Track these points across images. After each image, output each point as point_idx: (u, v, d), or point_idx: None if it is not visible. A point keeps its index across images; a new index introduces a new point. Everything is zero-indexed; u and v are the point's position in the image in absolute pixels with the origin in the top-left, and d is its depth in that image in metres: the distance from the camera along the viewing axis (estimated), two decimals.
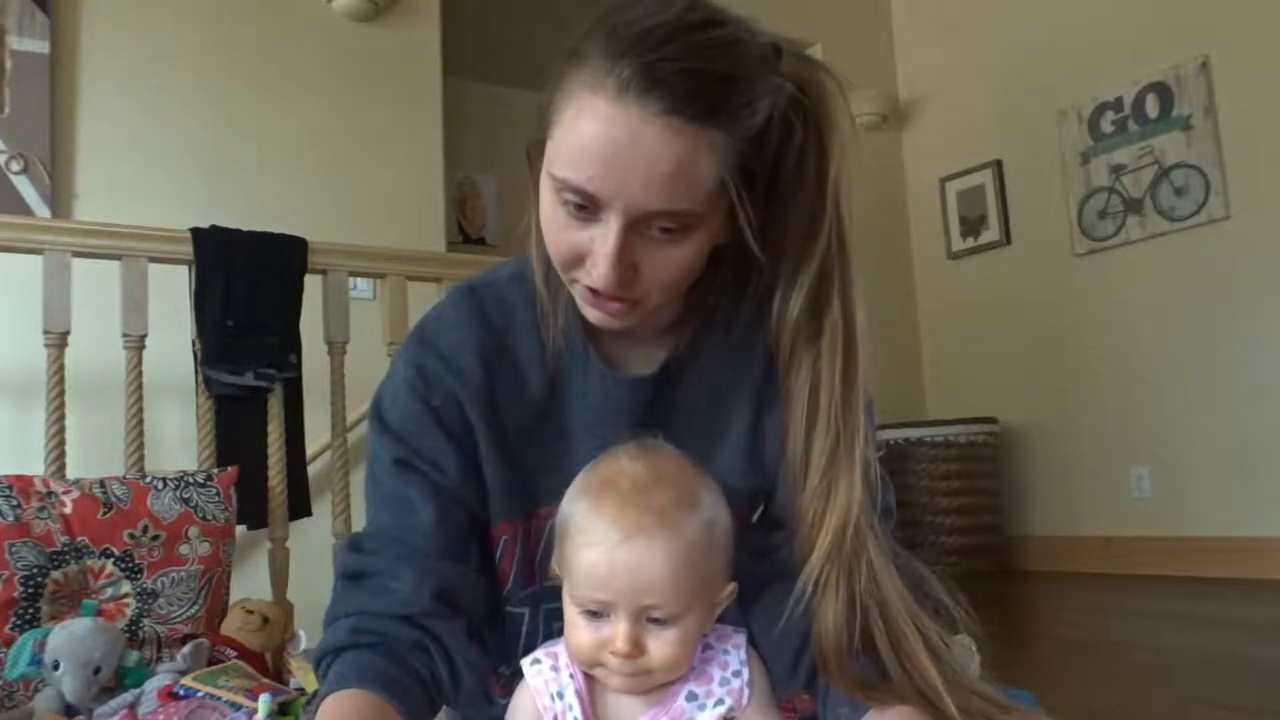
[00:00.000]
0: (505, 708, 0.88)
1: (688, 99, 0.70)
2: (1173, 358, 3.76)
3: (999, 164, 4.44)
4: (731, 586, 0.77)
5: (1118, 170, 3.96)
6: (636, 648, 0.72)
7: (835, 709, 0.78)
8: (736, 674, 0.77)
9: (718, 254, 0.83)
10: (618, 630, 0.72)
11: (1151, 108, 3.85)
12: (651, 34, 0.71)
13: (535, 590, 0.89)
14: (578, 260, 0.78)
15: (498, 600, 0.89)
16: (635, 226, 0.74)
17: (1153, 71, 3.84)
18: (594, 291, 0.78)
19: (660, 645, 0.72)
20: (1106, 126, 4.01)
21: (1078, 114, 4.10)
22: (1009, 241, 4.41)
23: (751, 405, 0.89)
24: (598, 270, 0.75)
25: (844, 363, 0.80)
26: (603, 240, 0.75)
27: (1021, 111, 4.32)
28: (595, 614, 0.73)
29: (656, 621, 0.72)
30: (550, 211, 0.78)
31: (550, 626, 0.89)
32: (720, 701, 0.76)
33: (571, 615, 0.75)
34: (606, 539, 0.72)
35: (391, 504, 0.86)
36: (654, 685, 0.75)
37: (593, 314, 0.81)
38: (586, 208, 0.74)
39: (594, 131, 0.72)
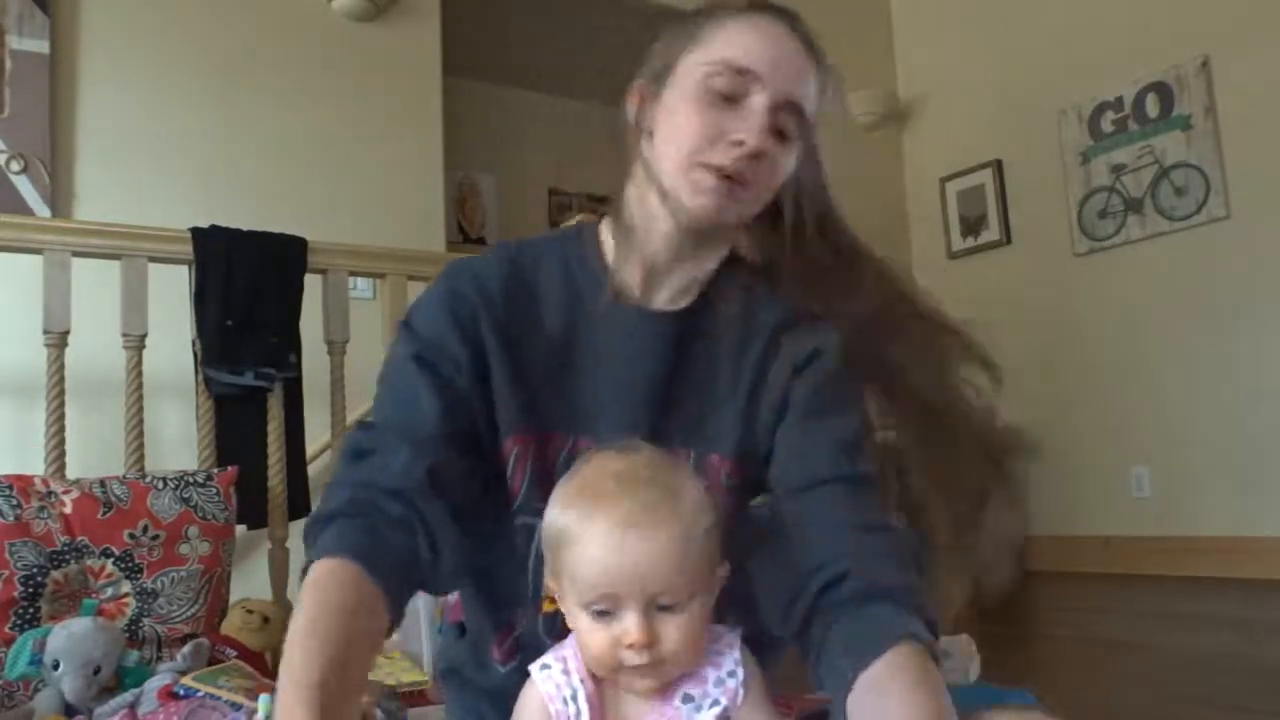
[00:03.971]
0: (505, 675, 0.92)
1: (812, 42, 0.93)
2: (1173, 357, 3.76)
3: (999, 164, 4.44)
4: (726, 566, 0.79)
5: (1118, 170, 3.96)
6: (650, 635, 0.73)
7: (834, 661, 0.79)
8: (731, 674, 0.77)
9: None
10: (629, 622, 0.73)
11: (1151, 108, 3.85)
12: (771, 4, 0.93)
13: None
14: (716, 138, 0.88)
15: (500, 516, 0.92)
16: (771, 114, 0.88)
17: (1153, 71, 3.84)
18: (718, 175, 0.87)
19: (672, 631, 0.74)
20: (1106, 126, 4.01)
21: (1078, 114, 4.10)
22: (1009, 241, 4.41)
23: (753, 366, 0.94)
24: (750, 133, 0.87)
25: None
26: (750, 111, 0.88)
27: (1021, 111, 4.32)
28: (604, 613, 0.74)
29: (665, 609, 0.73)
30: (693, 103, 0.89)
31: None
32: (716, 702, 0.76)
33: (582, 622, 0.75)
34: (609, 534, 0.73)
35: (400, 393, 0.92)
36: (671, 678, 0.76)
37: (704, 201, 0.89)
38: (732, 96, 0.88)
39: (751, 28, 0.90)
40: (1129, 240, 3.92)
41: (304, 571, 0.81)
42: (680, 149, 0.89)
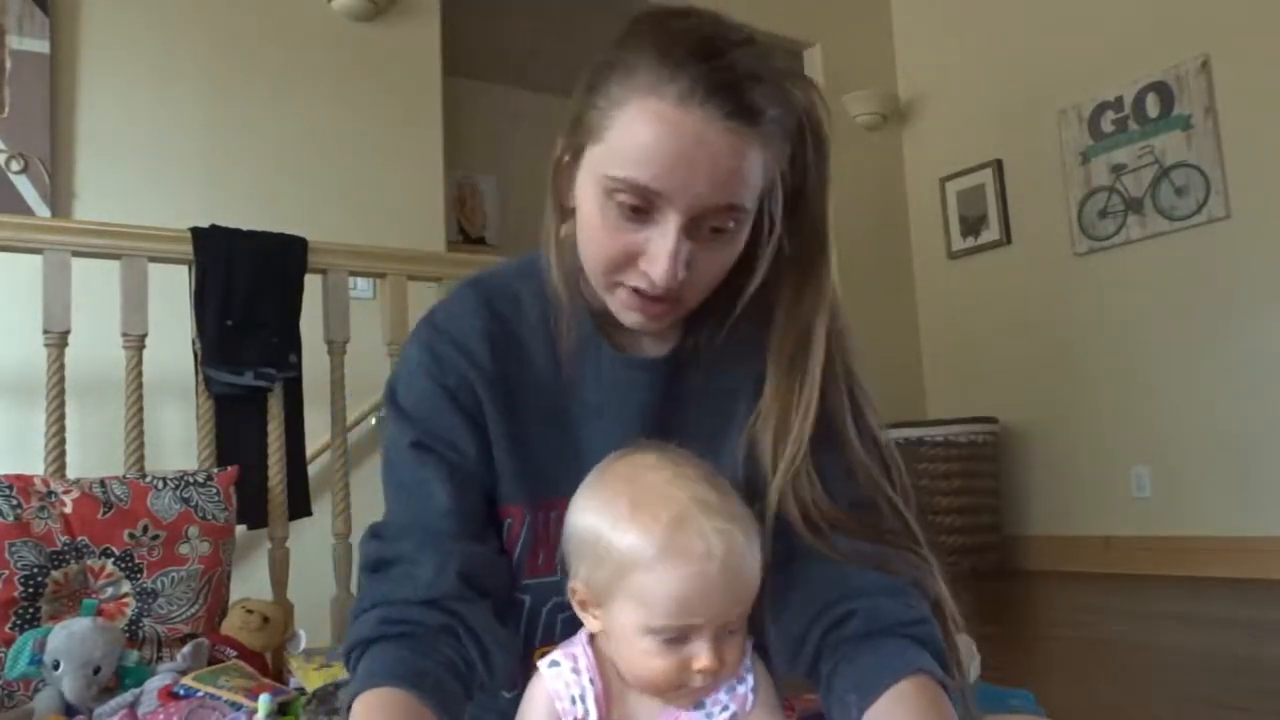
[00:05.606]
0: (510, 701, 0.88)
1: (743, 103, 0.75)
2: (1173, 357, 3.76)
3: (999, 164, 4.44)
4: None
5: (1118, 170, 3.96)
6: (722, 660, 0.72)
7: (843, 695, 0.78)
8: (741, 680, 0.77)
9: None
10: (702, 649, 0.72)
11: (1152, 107, 3.85)
12: (706, 45, 0.76)
13: (545, 580, 0.88)
14: (628, 261, 0.80)
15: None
16: (689, 226, 0.77)
17: (1153, 71, 3.84)
18: (639, 295, 0.80)
19: (733, 651, 0.73)
20: (1106, 126, 4.01)
21: (1078, 114, 4.10)
22: (1009, 241, 4.41)
23: (753, 397, 0.90)
24: (656, 269, 0.78)
25: (840, 345, 0.88)
26: (661, 239, 0.77)
27: (1021, 111, 4.32)
28: (675, 638, 0.72)
29: (729, 630, 0.73)
30: (598, 215, 0.80)
31: (554, 618, 0.89)
32: (726, 708, 0.76)
33: (642, 644, 0.73)
34: (702, 572, 0.70)
35: (408, 489, 0.86)
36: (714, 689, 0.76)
37: (633, 318, 0.83)
38: (641, 210, 0.77)
39: (658, 133, 0.75)
40: (1129, 240, 3.92)
41: (348, 708, 0.76)
42: (593, 264, 0.82)
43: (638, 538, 0.72)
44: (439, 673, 0.76)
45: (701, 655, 0.71)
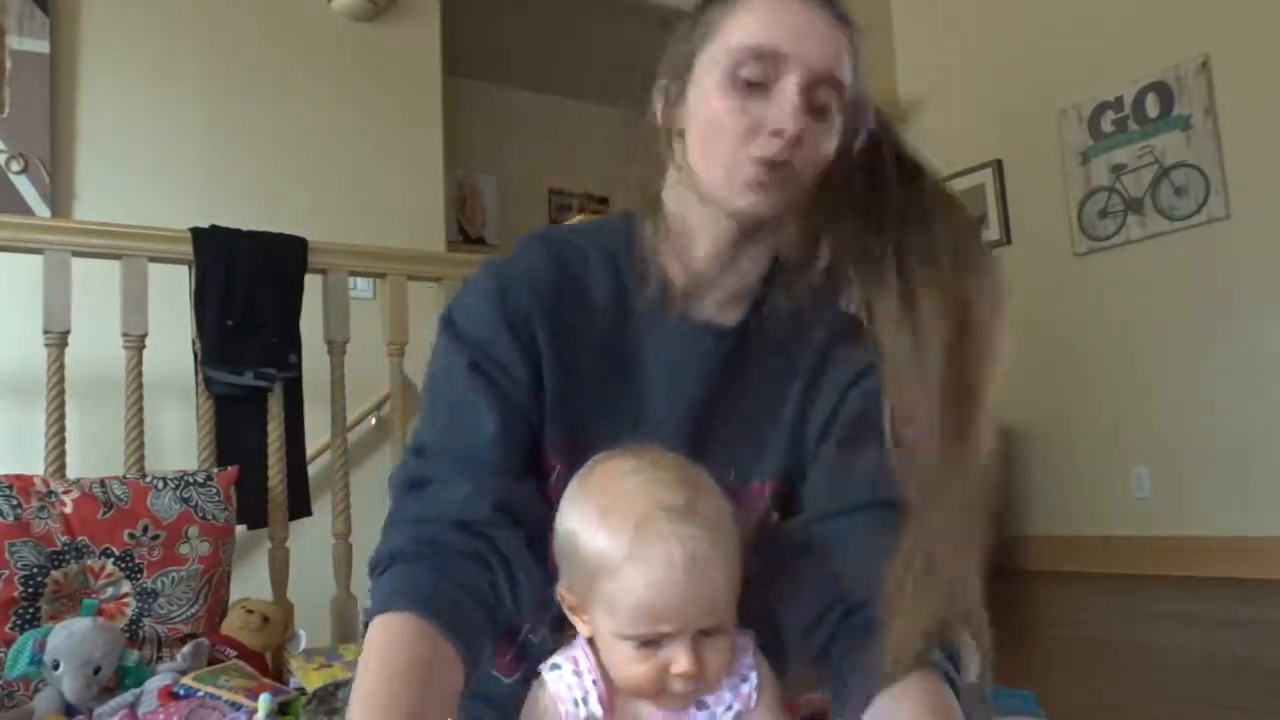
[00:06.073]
0: (509, 686, 0.88)
1: (839, 9, 0.86)
2: (1173, 357, 3.76)
3: (999, 164, 4.44)
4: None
5: (1118, 170, 3.96)
6: (700, 665, 0.71)
7: (849, 689, 0.78)
8: (745, 679, 0.77)
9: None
10: (679, 654, 0.71)
11: (1151, 107, 3.85)
12: None
13: None
14: (753, 132, 0.82)
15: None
16: (806, 94, 0.81)
17: (1153, 71, 3.84)
18: (763, 166, 0.82)
19: (714, 654, 0.73)
20: (1106, 126, 4.01)
21: (1078, 114, 4.10)
22: (1009, 241, 4.41)
23: (803, 385, 0.90)
24: (784, 117, 0.80)
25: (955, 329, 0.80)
26: (782, 95, 0.81)
27: (1021, 111, 4.32)
28: (650, 643, 0.72)
29: (707, 633, 0.72)
30: (721, 99, 0.83)
31: None
32: (730, 707, 0.76)
33: (622, 650, 0.73)
34: (666, 577, 0.70)
35: (456, 409, 0.85)
36: (704, 693, 0.75)
37: (751, 197, 0.83)
38: (762, 83, 0.82)
39: (774, 8, 0.83)
40: (1129, 240, 3.92)
41: (365, 623, 0.75)
42: (717, 146, 0.84)
43: (605, 544, 0.72)
44: (463, 600, 0.75)
45: (679, 660, 0.71)
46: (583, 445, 0.84)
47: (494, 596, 0.78)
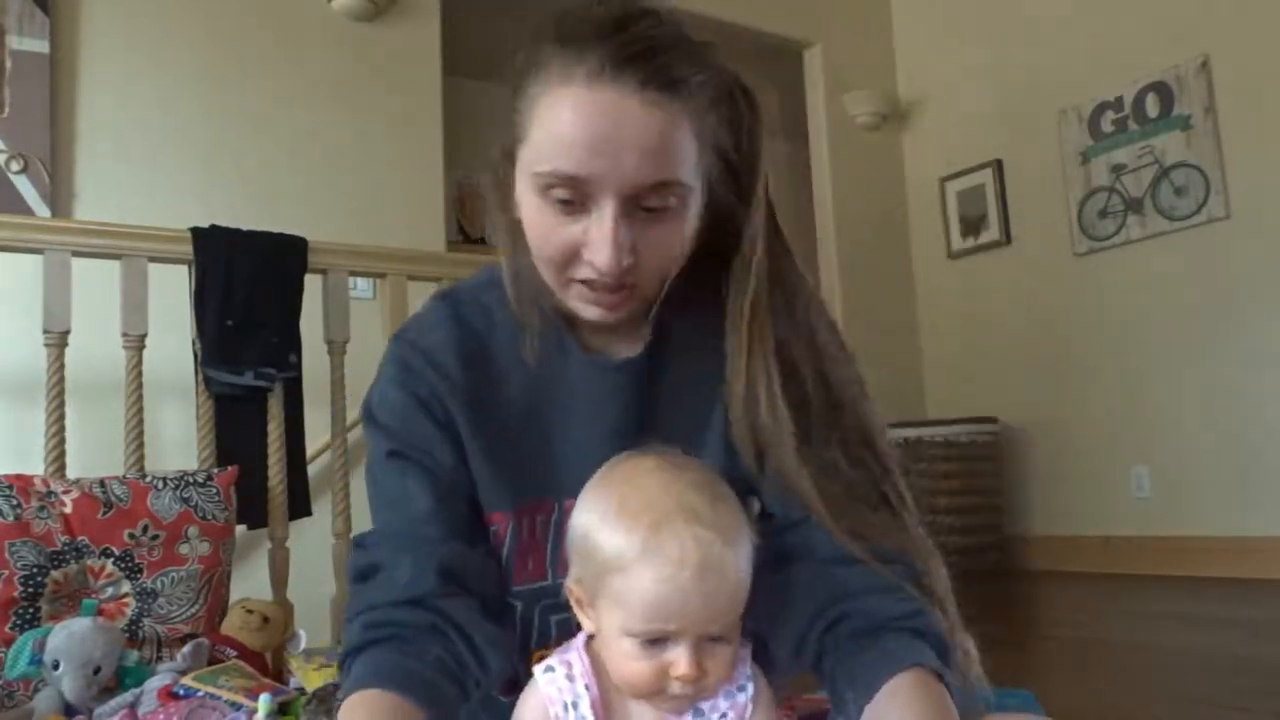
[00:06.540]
0: (509, 706, 0.88)
1: (657, 72, 0.74)
2: (1173, 357, 3.76)
3: (999, 164, 4.44)
4: None
5: (1118, 170, 3.96)
6: (701, 669, 0.71)
7: (843, 694, 0.78)
8: (741, 689, 0.76)
9: None
10: (681, 656, 0.71)
11: (1151, 107, 3.85)
12: (609, 23, 0.75)
13: (536, 585, 0.88)
14: (573, 256, 0.79)
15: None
16: (627, 207, 0.76)
17: (1153, 71, 3.84)
18: (592, 287, 0.79)
19: (716, 662, 0.72)
20: (1106, 126, 4.01)
21: (1078, 114, 4.10)
22: (1009, 241, 4.41)
23: (722, 397, 0.88)
24: (599, 256, 0.76)
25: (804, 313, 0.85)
26: (598, 225, 0.76)
27: (1021, 111, 4.32)
28: (654, 642, 0.71)
29: (713, 640, 0.72)
30: (537, 214, 0.79)
31: (547, 621, 0.88)
32: (724, 716, 0.76)
33: (625, 647, 0.72)
34: (677, 575, 0.69)
35: (390, 498, 0.86)
36: (702, 701, 0.75)
37: (592, 311, 0.82)
38: (574, 202, 0.76)
39: (573, 118, 0.74)
40: (1129, 240, 3.92)
41: (336, 709, 0.76)
42: (543, 264, 0.81)
43: (619, 539, 0.72)
44: (427, 673, 0.76)
45: (680, 663, 0.71)
46: (521, 501, 0.86)
47: (457, 665, 0.78)
